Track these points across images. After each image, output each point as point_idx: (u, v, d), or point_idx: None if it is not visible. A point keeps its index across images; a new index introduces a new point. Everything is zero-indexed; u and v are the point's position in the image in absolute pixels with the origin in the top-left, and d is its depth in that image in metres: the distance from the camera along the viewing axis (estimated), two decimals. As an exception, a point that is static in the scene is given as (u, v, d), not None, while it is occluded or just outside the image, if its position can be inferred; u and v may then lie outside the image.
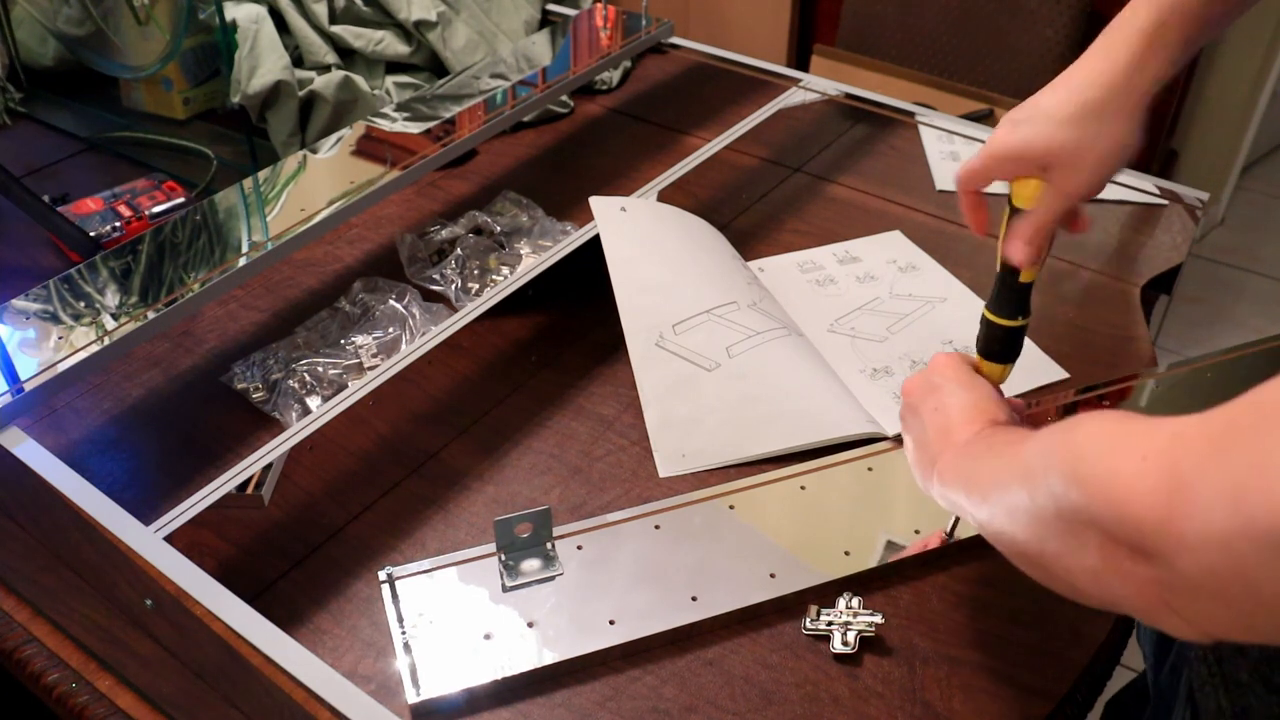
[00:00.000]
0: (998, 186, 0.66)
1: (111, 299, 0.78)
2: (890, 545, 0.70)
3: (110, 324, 0.76)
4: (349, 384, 0.80)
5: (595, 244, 0.89)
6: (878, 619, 0.65)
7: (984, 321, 0.67)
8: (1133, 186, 1.07)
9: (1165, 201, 1.06)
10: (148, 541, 0.63)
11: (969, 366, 0.65)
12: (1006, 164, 0.64)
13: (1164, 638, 0.68)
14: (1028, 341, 0.68)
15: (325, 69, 1.14)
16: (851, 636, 0.64)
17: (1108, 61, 0.61)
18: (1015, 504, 0.47)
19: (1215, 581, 0.35)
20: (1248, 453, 0.33)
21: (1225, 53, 2.24)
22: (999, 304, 0.66)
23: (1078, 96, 0.61)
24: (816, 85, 1.21)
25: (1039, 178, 0.63)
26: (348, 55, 1.17)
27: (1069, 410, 0.81)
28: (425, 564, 0.68)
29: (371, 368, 0.82)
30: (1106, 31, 0.62)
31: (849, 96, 1.20)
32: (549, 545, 0.69)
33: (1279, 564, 0.32)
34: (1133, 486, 0.37)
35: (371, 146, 0.99)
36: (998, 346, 0.67)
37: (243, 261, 0.82)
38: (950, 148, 1.15)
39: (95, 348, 0.74)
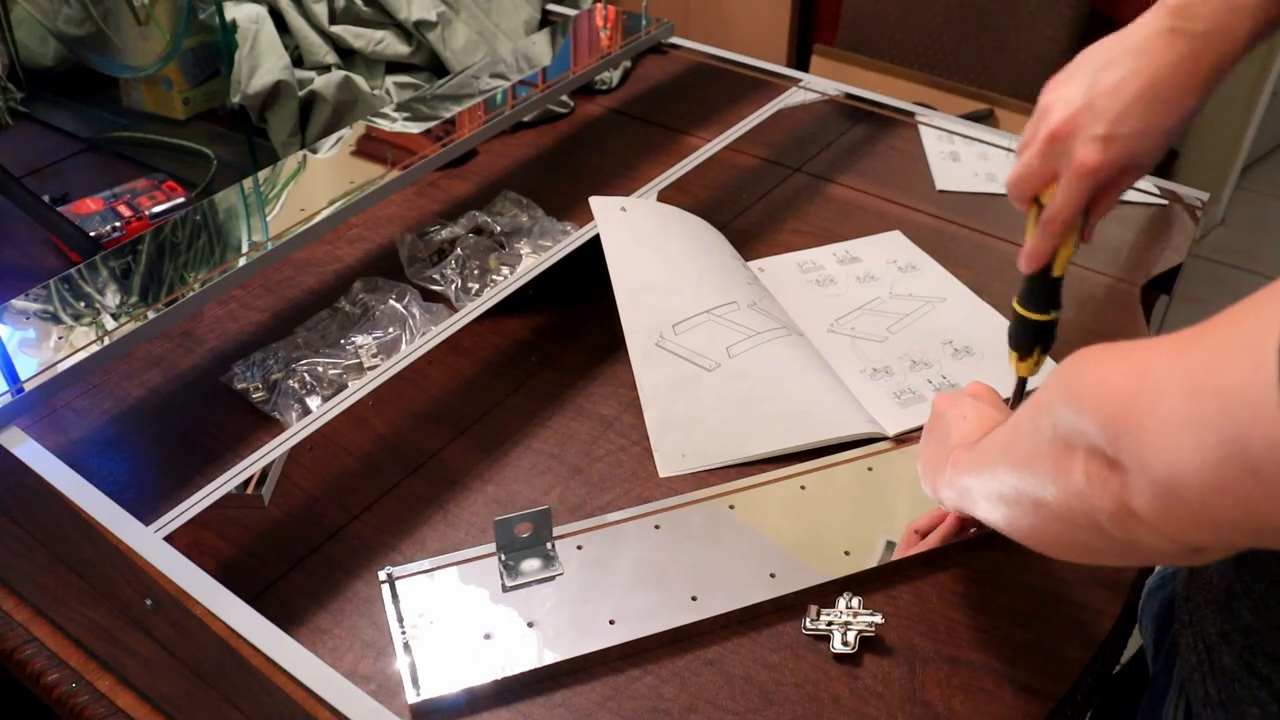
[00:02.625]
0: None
1: (111, 299, 0.78)
2: (890, 545, 0.70)
3: (110, 324, 0.76)
4: (349, 384, 0.80)
5: (595, 244, 0.89)
6: (878, 619, 0.65)
7: (1016, 318, 0.68)
8: (1133, 186, 1.07)
9: (1165, 201, 1.06)
10: (148, 541, 0.63)
11: (998, 395, 0.67)
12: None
13: (1163, 625, 0.68)
14: None
15: (325, 69, 1.14)
16: (851, 636, 0.64)
17: (1198, 60, 0.58)
18: (1020, 446, 0.48)
19: (1174, 478, 0.35)
20: (1203, 352, 0.35)
21: (1225, 53, 2.23)
22: (1032, 299, 0.66)
23: (1179, 108, 0.59)
24: (816, 85, 1.21)
25: None
26: (348, 55, 1.17)
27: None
28: (425, 564, 0.69)
29: (371, 368, 0.82)
30: (1184, 9, 0.58)
31: (849, 96, 1.20)
32: (549, 545, 0.69)
33: (1228, 460, 0.33)
34: (1112, 389, 0.39)
35: (371, 146, 0.99)
36: (1030, 340, 0.68)
37: (243, 261, 0.82)
38: (950, 148, 1.15)
39: (95, 348, 0.73)
